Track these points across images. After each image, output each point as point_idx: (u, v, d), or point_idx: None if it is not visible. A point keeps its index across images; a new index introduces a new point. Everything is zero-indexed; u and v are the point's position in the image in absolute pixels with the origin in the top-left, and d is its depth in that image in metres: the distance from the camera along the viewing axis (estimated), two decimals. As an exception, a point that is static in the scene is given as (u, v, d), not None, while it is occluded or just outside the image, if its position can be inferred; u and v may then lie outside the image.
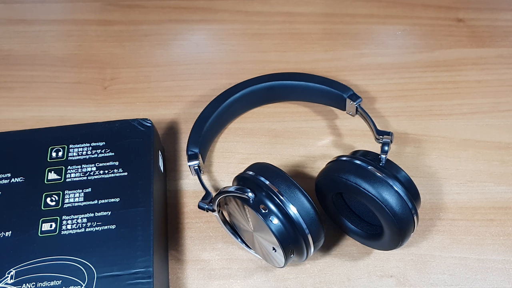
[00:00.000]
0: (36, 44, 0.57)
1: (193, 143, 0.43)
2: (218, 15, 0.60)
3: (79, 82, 0.53)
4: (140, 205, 0.37)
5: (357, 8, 0.60)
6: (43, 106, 0.51)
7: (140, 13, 0.60)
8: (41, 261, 0.35)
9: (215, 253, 0.41)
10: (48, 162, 0.40)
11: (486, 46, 0.56)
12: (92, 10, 0.60)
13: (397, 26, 0.58)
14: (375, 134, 0.42)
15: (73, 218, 0.37)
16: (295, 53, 0.56)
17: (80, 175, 0.39)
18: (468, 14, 0.59)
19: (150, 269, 0.34)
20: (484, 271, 0.40)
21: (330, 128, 0.49)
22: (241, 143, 0.48)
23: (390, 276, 0.40)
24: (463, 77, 0.53)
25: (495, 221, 0.42)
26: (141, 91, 0.52)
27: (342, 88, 0.46)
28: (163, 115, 0.50)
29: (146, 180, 0.39)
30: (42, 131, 0.42)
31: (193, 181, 0.45)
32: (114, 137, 0.41)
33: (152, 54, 0.56)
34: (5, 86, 0.53)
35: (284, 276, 0.40)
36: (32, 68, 0.54)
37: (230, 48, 0.56)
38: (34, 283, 0.34)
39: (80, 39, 0.57)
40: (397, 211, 0.34)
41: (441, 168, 0.46)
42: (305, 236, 0.34)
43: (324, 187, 0.38)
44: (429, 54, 0.55)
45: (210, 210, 0.38)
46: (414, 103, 0.51)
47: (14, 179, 0.39)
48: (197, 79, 0.53)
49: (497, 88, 0.52)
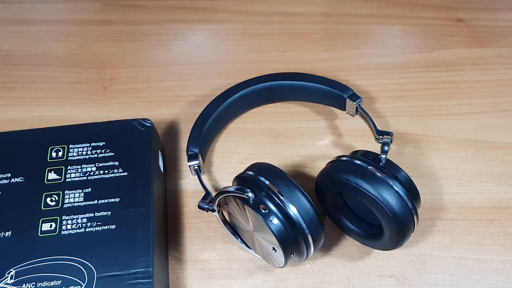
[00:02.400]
0: (36, 44, 0.57)
1: (193, 143, 0.43)
2: (218, 15, 0.60)
3: (79, 82, 0.53)
4: (140, 205, 0.37)
5: (357, 8, 0.60)
6: (43, 106, 0.51)
7: (140, 13, 0.60)
8: (41, 261, 0.35)
9: (215, 253, 0.41)
10: (48, 162, 0.40)
11: (486, 46, 0.56)
12: (92, 10, 0.60)
13: (397, 26, 0.58)
14: (375, 134, 0.42)
15: (73, 218, 0.37)
16: (295, 53, 0.56)
17: (80, 175, 0.39)
18: (468, 14, 0.59)
19: (150, 269, 0.34)
20: (484, 271, 0.40)
21: (330, 128, 0.49)
22: (241, 143, 0.48)
23: (390, 276, 0.40)
24: (463, 77, 0.53)
25: (495, 221, 0.42)
26: (141, 91, 0.52)
27: (342, 88, 0.46)
28: (163, 115, 0.50)
29: (146, 180, 0.39)
30: (42, 131, 0.42)
31: (193, 181, 0.45)
32: (114, 137, 0.41)
33: (152, 54, 0.56)
34: (5, 86, 0.53)
35: (284, 276, 0.40)
36: (32, 68, 0.54)
37: (230, 48, 0.56)
38: (34, 283, 0.34)
39: (80, 39, 0.57)
40: (397, 211, 0.34)
41: (441, 168, 0.46)
42: (305, 236, 0.34)
43: (324, 187, 0.38)
44: (429, 54, 0.55)
45: (210, 210, 0.38)
46: (414, 103, 0.51)
47: (14, 179, 0.39)
48: (197, 79, 0.53)
49: (497, 88, 0.52)
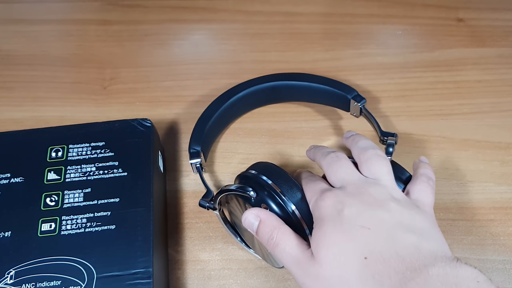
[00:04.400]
0: (36, 44, 0.57)
1: (195, 141, 0.43)
2: (218, 15, 0.60)
3: (79, 82, 0.53)
4: (139, 205, 0.37)
5: (358, 8, 0.60)
6: (43, 106, 0.51)
7: (140, 13, 0.60)
8: (40, 261, 0.35)
9: (215, 254, 0.41)
10: (47, 162, 0.40)
11: (486, 46, 0.56)
12: (92, 10, 0.60)
13: (398, 26, 0.58)
14: (379, 135, 0.42)
15: (72, 218, 0.37)
16: (295, 53, 0.55)
17: (80, 175, 0.39)
18: (468, 14, 0.59)
19: (150, 269, 0.34)
20: (484, 271, 0.39)
21: (332, 129, 0.49)
22: (241, 143, 0.48)
23: (391, 277, 0.40)
24: (464, 77, 0.53)
25: (495, 221, 0.42)
26: (141, 91, 0.52)
27: (346, 89, 0.46)
28: (163, 115, 0.50)
29: (145, 180, 0.39)
30: (42, 131, 0.42)
31: (193, 181, 0.45)
32: (114, 137, 0.41)
33: (152, 54, 0.56)
34: (5, 86, 0.53)
35: (284, 276, 0.40)
36: (32, 68, 0.54)
37: (231, 48, 0.56)
38: (33, 283, 0.33)
39: (80, 39, 0.57)
40: None
41: (442, 168, 0.45)
42: (305, 237, 0.34)
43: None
44: (430, 54, 0.55)
45: (211, 208, 0.38)
46: (414, 103, 0.50)
47: (13, 179, 0.39)
48: (197, 79, 0.53)
49: (497, 88, 0.52)
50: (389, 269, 0.28)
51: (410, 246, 0.29)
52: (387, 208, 0.31)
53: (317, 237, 0.31)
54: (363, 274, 0.28)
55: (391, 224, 0.30)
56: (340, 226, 0.30)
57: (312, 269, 0.30)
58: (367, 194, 0.32)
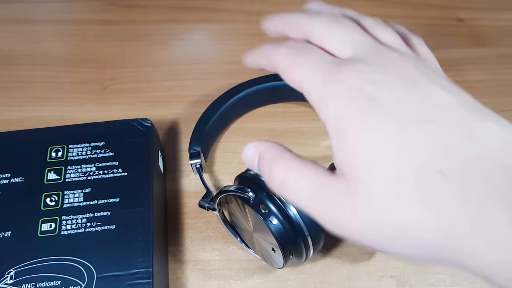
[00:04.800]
0: (36, 44, 0.57)
1: (195, 141, 0.43)
2: (219, 15, 0.60)
3: (79, 82, 0.53)
4: (140, 205, 0.37)
5: (357, 8, 0.59)
6: (43, 106, 0.51)
7: (140, 13, 0.60)
8: (40, 261, 0.35)
9: (215, 253, 0.41)
10: (47, 162, 0.40)
11: (486, 46, 0.56)
12: (92, 10, 0.60)
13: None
14: None
15: (72, 218, 0.37)
16: (295, 53, 0.55)
17: (80, 175, 0.39)
18: (468, 14, 0.59)
19: (150, 269, 0.34)
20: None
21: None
22: (241, 143, 0.48)
23: (391, 277, 0.40)
24: (464, 77, 0.53)
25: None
26: (141, 91, 0.52)
27: None
28: (163, 115, 0.50)
29: (145, 180, 0.39)
30: (42, 131, 0.42)
31: (193, 181, 0.45)
32: (114, 137, 0.41)
33: (152, 54, 0.56)
34: (5, 86, 0.53)
35: (284, 277, 0.40)
36: (32, 68, 0.54)
37: (231, 48, 0.56)
38: (33, 284, 0.33)
39: (80, 39, 0.57)
40: None
41: (442, 168, 0.45)
42: (304, 238, 0.34)
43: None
44: (430, 54, 0.55)
45: (210, 209, 0.38)
46: (414, 103, 0.50)
47: (13, 179, 0.39)
48: (197, 79, 0.53)
49: (498, 88, 0.52)
50: (487, 185, 0.17)
51: (498, 140, 0.19)
52: (440, 84, 0.21)
53: (348, 145, 0.20)
54: (441, 194, 0.18)
55: (457, 108, 0.20)
56: (384, 122, 0.19)
57: (344, 196, 0.20)
58: (402, 66, 0.21)
